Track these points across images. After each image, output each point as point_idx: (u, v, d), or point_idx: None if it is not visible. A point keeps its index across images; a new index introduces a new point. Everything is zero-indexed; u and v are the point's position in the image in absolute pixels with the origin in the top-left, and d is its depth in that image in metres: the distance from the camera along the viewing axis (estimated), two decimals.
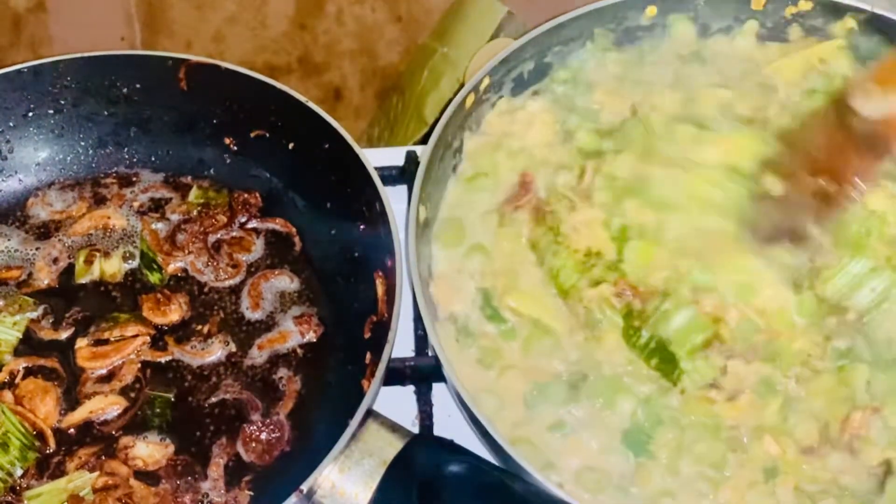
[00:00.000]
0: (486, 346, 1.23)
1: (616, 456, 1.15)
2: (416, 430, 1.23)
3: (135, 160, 1.49)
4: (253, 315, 1.34)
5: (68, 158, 1.48)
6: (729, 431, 1.16)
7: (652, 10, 1.46)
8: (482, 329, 1.25)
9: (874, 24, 1.41)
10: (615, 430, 1.16)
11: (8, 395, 1.25)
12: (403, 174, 1.45)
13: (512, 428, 1.17)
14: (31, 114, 1.45)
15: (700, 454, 1.14)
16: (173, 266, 1.38)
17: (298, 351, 1.31)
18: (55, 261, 1.38)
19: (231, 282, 1.37)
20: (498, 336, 1.24)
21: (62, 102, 1.46)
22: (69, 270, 1.38)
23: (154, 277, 1.37)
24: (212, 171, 1.47)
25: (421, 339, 1.31)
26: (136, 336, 1.31)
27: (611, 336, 1.22)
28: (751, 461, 1.14)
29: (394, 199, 1.28)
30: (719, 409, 1.16)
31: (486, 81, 1.38)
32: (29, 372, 1.28)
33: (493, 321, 1.25)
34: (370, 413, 1.12)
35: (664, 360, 1.19)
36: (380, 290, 1.26)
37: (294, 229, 1.41)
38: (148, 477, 1.20)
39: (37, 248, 1.39)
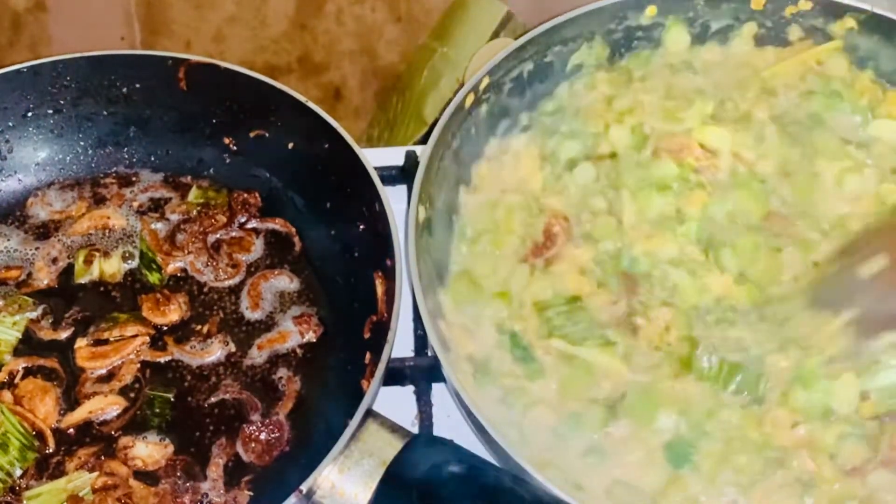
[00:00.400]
0: (510, 386, 1.22)
1: (653, 469, 1.15)
2: (415, 430, 1.23)
3: (134, 160, 1.49)
4: (252, 315, 1.34)
5: (68, 158, 1.48)
6: (775, 451, 1.15)
7: (652, 10, 1.46)
8: (505, 368, 1.23)
9: (874, 23, 1.41)
10: (655, 445, 1.16)
11: (7, 395, 1.26)
12: (403, 174, 1.45)
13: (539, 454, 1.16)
14: (30, 113, 1.45)
15: (740, 466, 1.14)
16: (173, 266, 1.38)
17: (298, 351, 1.31)
18: (55, 261, 1.38)
19: (231, 282, 1.37)
20: (523, 376, 1.22)
21: (62, 102, 1.46)
22: (69, 270, 1.38)
23: (153, 277, 1.37)
24: (211, 170, 1.47)
25: (421, 339, 1.31)
26: (136, 336, 1.31)
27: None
28: (787, 473, 1.14)
29: (394, 199, 1.28)
30: (773, 431, 1.16)
31: (486, 81, 1.38)
32: (28, 372, 1.28)
33: (523, 362, 1.23)
34: (370, 413, 1.12)
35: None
36: (380, 290, 1.26)
37: (294, 229, 1.41)
38: (147, 477, 1.20)
39: (36, 248, 1.39)
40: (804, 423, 1.16)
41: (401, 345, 1.27)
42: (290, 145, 1.42)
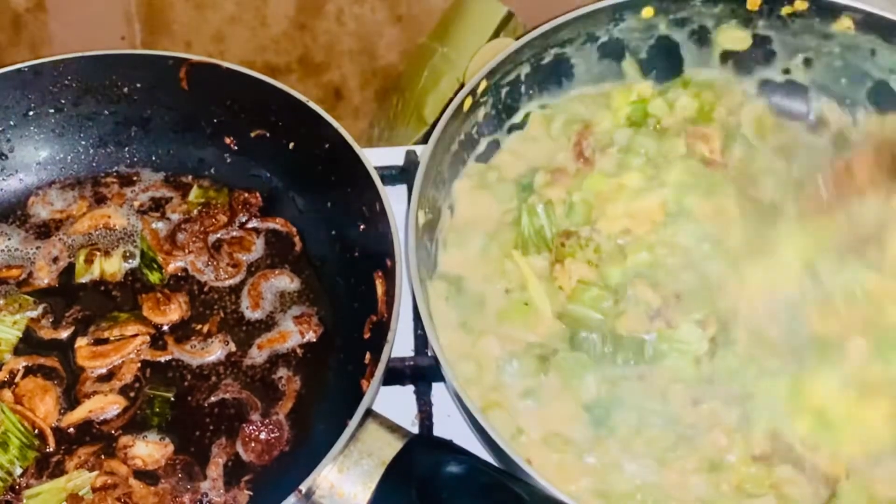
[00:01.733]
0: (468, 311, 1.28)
1: (582, 426, 1.19)
2: (415, 430, 1.24)
3: (135, 159, 1.49)
4: (253, 315, 1.34)
5: (69, 157, 1.48)
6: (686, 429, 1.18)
7: (649, 12, 1.46)
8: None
9: (870, 23, 1.41)
10: (580, 402, 1.21)
11: (8, 394, 1.26)
12: (403, 174, 1.45)
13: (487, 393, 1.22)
14: (31, 113, 1.45)
15: (652, 438, 1.17)
16: (173, 265, 1.38)
17: (298, 351, 1.31)
18: (55, 260, 1.38)
19: (231, 281, 1.37)
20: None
21: (63, 102, 1.46)
22: (69, 269, 1.38)
23: (154, 277, 1.37)
24: (212, 170, 1.48)
25: (421, 339, 1.31)
26: (136, 335, 1.31)
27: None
28: (698, 451, 1.17)
29: (394, 199, 1.29)
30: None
31: (484, 84, 1.38)
32: (29, 371, 1.29)
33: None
34: (369, 413, 1.12)
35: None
36: (380, 290, 1.26)
37: (294, 229, 1.41)
38: (147, 476, 1.20)
39: (37, 247, 1.40)
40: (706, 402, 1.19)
41: (401, 345, 1.28)
42: (291, 145, 1.42)
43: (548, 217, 1.32)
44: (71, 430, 1.24)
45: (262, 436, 1.22)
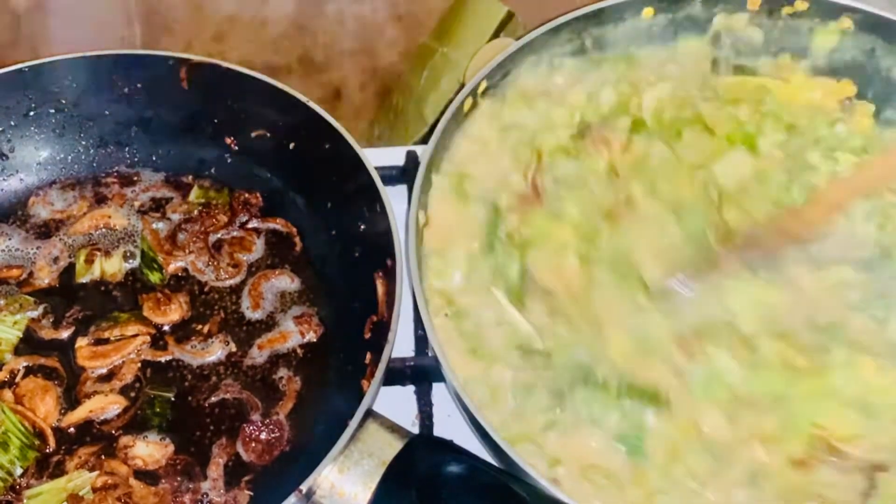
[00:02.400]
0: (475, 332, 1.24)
1: (616, 455, 1.15)
2: (415, 430, 1.24)
3: (136, 159, 1.49)
4: (253, 315, 1.34)
5: (69, 158, 1.48)
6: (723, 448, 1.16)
7: (649, 12, 1.46)
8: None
9: (870, 23, 1.41)
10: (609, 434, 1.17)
11: (8, 394, 1.26)
12: (403, 174, 1.45)
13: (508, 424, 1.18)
14: (32, 113, 1.45)
15: (691, 462, 1.15)
16: (174, 266, 1.38)
17: (298, 351, 1.31)
18: (56, 260, 1.38)
19: (231, 281, 1.37)
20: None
21: (63, 102, 1.46)
22: (70, 270, 1.38)
23: (154, 277, 1.37)
24: (213, 170, 1.48)
25: (421, 339, 1.31)
26: (137, 335, 1.31)
27: None
28: (738, 465, 1.15)
29: (394, 199, 1.29)
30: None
31: (484, 84, 1.38)
32: (29, 371, 1.29)
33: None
34: (370, 413, 1.12)
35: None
36: (380, 290, 1.26)
37: (294, 229, 1.42)
38: (148, 476, 1.20)
39: (37, 248, 1.40)
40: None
41: (401, 345, 1.28)
42: (291, 145, 1.42)
43: (515, 249, 1.29)
44: (71, 430, 1.24)
45: (263, 436, 1.22)
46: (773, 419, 1.17)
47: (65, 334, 1.32)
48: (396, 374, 1.26)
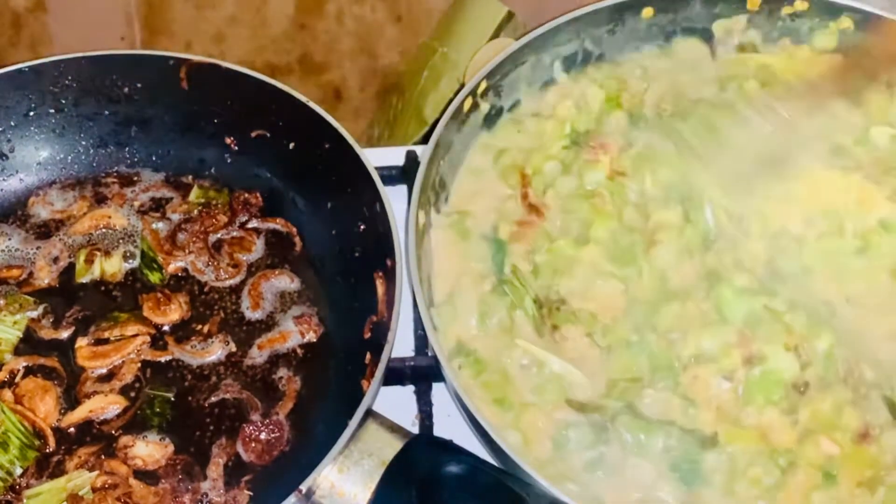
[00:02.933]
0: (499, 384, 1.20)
1: (670, 485, 1.11)
2: (415, 430, 1.24)
3: (136, 159, 1.49)
4: (253, 315, 1.34)
5: (69, 158, 1.48)
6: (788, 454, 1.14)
7: (648, 12, 1.46)
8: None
9: (870, 23, 1.41)
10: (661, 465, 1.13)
11: (8, 394, 1.26)
12: (403, 174, 1.45)
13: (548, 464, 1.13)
14: (32, 113, 1.45)
15: (755, 476, 1.11)
16: (174, 266, 1.38)
17: (298, 351, 1.31)
18: (56, 260, 1.38)
19: (231, 281, 1.37)
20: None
21: (63, 102, 1.46)
22: (70, 270, 1.38)
23: (154, 277, 1.37)
24: (212, 170, 1.48)
25: (421, 339, 1.31)
26: (137, 335, 1.31)
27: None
28: (809, 467, 1.12)
29: (394, 199, 1.28)
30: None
31: (484, 84, 1.38)
32: (29, 371, 1.29)
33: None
34: (370, 413, 1.12)
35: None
36: (380, 290, 1.26)
37: (294, 229, 1.42)
38: (147, 476, 1.20)
39: (37, 248, 1.40)
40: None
41: (401, 345, 1.28)
42: (291, 145, 1.42)
43: (522, 286, 1.25)
44: (71, 430, 1.24)
45: (263, 436, 1.22)
46: (826, 400, 1.14)
47: (65, 334, 1.32)
48: (396, 374, 1.26)
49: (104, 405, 1.25)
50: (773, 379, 1.16)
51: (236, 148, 1.46)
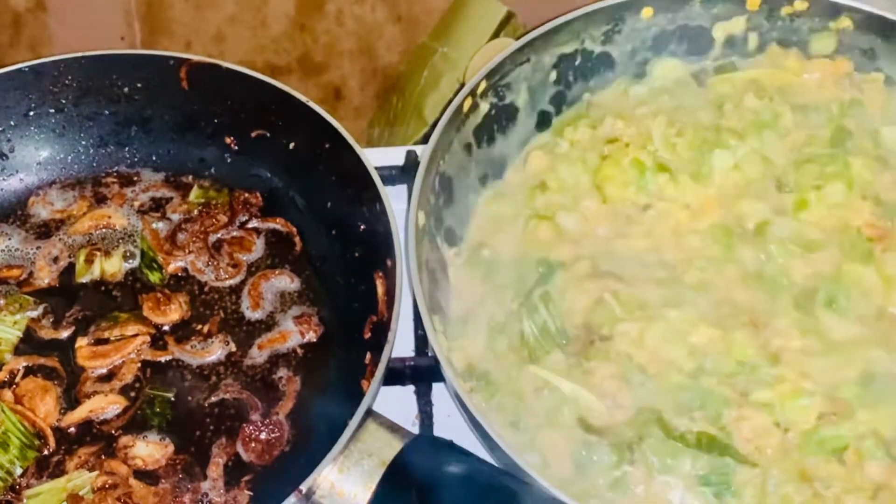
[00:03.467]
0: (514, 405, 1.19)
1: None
2: (415, 430, 1.24)
3: (136, 159, 1.49)
4: (253, 315, 1.34)
5: (69, 157, 1.48)
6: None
7: (648, 12, 1.46)
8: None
9: (870, 23, 1.41)
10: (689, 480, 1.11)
11: (8, 394, 1.26)
12: (403, 174, 1.45)
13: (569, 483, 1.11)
14: (32, 113, 1.45)
15: (786, 493, 1.10)
16: (174, 265, 1.38)
17: (298, 351, 1.31)
18: (56, 260, 1.38)
19: (231, 281, 1.37)
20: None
21: (63, 101, 1.46)
22: (70, 269, 1.38)
23: (154, 277, 1.37)
24: (212, 170, 1.48)
25: (421, 339, 1.31)
26: (137, 335, 1.31)
27: None
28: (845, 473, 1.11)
29: (394, 199, 1.29)
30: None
31: (484, 84, 1.38)
32: (29, 371, 1.29)
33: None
34: (370, 413, 1.12)
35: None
36: (380, 290, 1.26)
37: (294, 229, 1.42)
38: (147, 476, 1.20)
39: (37, 247, 1.40)
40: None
41: (401, 345, 1.27)
42: (291, 145, 1.42)
43: (549, 312, 1.22)
44: (71, 430, 1.24)
45: (263, 436, 1.22)
46: (866, 409, 1.13)
47: (65, 334, 1.32)
48: (396, 374, 1.26)
49: (104, 405, 1.25)
50: (836, 445, 1.12)
51: (236, 148, 1.46)
